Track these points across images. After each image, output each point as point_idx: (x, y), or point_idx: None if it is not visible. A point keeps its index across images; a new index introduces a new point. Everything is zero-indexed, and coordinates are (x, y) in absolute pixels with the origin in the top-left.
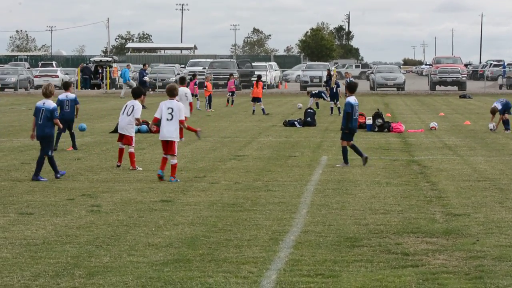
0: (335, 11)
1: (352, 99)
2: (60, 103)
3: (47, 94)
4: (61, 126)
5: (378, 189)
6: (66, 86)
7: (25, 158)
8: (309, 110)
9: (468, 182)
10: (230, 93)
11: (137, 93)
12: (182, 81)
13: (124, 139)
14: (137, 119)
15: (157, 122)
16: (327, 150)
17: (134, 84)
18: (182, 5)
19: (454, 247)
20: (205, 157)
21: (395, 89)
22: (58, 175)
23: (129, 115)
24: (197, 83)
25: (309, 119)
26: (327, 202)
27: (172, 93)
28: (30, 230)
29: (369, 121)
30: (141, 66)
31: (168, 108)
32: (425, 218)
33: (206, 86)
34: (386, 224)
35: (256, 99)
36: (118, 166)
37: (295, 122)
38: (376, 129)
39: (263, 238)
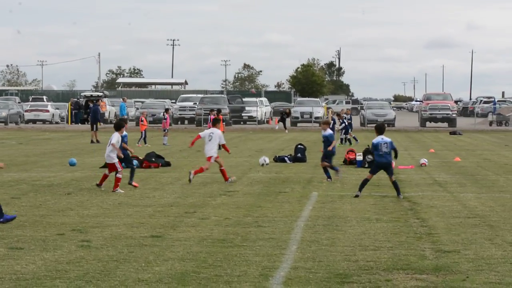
0: (324, 47)
1: (376, 138)
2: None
3: None
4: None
5: (368, 226)
6: (117, 127)
7: (15, 193)
8: (299, 146)
9: (458, 218)
10: None
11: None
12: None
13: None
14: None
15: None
16: (317, 186)
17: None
18: (173, 40)
19: (444, 284)
20: (195, 192)
21: (386, 125)
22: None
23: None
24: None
25: (299, 155)
26: (317, 238)
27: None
28: (20, 265)
29: (359, 157)
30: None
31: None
32: (415, 254)
33: (142, 121)
34: (376, 261)
35: None
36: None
37: (285, 158)
38: (367, 165)
39: (253, 274)
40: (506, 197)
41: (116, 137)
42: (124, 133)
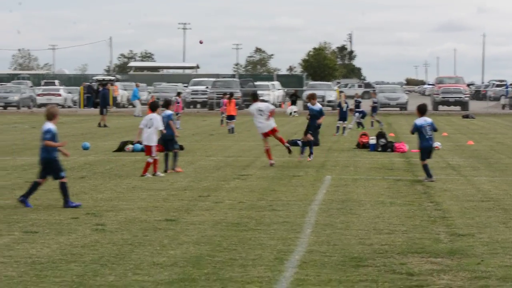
0: (335, 30)
1: (419, 120)
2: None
3: (48, 116)
4: (58, 145)
5: (382, 209)
6: (165, 104)
7: (28, 177)
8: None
9: (472, 202)
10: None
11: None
12: (254, 96)
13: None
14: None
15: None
16: (331, 169)
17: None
18: (184, 24)
19: (459, 267)
20: (209, 176)
21: (398, 108)
22: (68, 205)
23: (149, 128)
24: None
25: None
26: (332, 222)
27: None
28: (35, 249)
29: (373, 141)
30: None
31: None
32: (429, 238)
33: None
34: (390, 244)
35: (230, 117)
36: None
37: (298, 142)
38: (380, 149)
39: (268, 257)
40: None
41: (159, 120)
42: (169, 112)
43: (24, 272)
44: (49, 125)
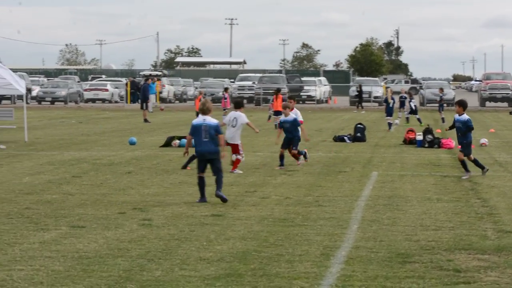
0: (381, 26)
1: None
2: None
3: (205, 111)
4: (223, 144)
5: (429, 205)
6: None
7: (76, 172)
8: (359, 125)
9: None
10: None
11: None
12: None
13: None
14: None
15: None
16: (378, 165)
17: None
18: (232, 19)
19: (506, 264)
20: (255, 172)
21: (445, 105)
22: (218, 193)
23: (234, 127)
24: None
25: (359, 135)
26: (378, 218)
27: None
28: (82, 243)
29: (419, 137)
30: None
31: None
32: (476, 234)
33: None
34: (437, 241)
35: (277, 113)
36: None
37: (345, 138)
38: (426, 145)
39: (314, 253)
40: None
41: (243, 117)
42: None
43: (71, 266)
44: (212, 119)
